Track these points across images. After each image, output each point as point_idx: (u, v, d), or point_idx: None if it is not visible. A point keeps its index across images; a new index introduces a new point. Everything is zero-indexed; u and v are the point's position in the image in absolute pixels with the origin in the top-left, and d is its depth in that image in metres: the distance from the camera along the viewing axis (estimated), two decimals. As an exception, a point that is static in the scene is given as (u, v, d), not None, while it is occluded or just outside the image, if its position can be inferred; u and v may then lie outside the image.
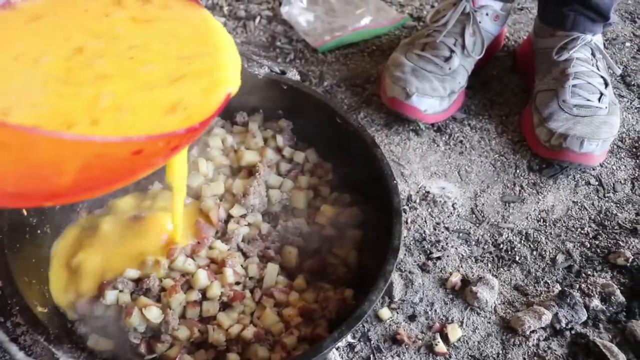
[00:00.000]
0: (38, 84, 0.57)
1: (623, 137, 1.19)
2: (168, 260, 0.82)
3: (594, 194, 1.09)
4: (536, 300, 0.93)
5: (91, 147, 0.46)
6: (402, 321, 0.90)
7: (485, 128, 1.19)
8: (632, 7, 1.49)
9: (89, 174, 0.50)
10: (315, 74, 1.27)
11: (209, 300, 0.80)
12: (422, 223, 1.02)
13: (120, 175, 0.56)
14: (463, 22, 1.16)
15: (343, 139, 0.91)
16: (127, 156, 0.50)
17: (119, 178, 0.57)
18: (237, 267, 0.83)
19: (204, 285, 0.80)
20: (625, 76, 1.31)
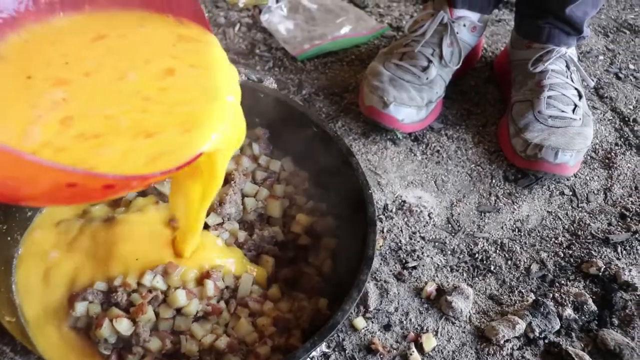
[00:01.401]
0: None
1: (596, 149, 1.20)
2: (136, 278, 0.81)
3: (568, 204, 1.10)
4: (510, 310, 0.94)
5: (71, 177, 0.47)
6: (377, 330, 0.90)
7: (462, 138, 1.20)
8: (605, 22, 1.52)
9: (58, 193, 0.50)
10: (294, 82, 1.27)
11: (183, 316, 0.79)
12: (398, 232, 1.02)
13: (85, 199, 0.57)
14: (441, 33, 1.17)
15: (319, 148, 0.91)
16: (99, 188, 0.50)
17: (84, 200, 0.58)
18: (219, 282, 0.82)
19: (182, 305, 0.78)
20: (598, 89, 1.33)
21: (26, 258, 0.85)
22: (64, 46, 0.67)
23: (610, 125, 1.25)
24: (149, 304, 0.77)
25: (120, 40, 0.69)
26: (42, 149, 0.55)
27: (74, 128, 0.58)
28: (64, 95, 0.61)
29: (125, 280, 0.79)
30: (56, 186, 0.48)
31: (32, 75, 0.63)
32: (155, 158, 0.57)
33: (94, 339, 0.77)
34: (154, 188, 0.92)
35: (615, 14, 1.53)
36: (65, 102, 0.61)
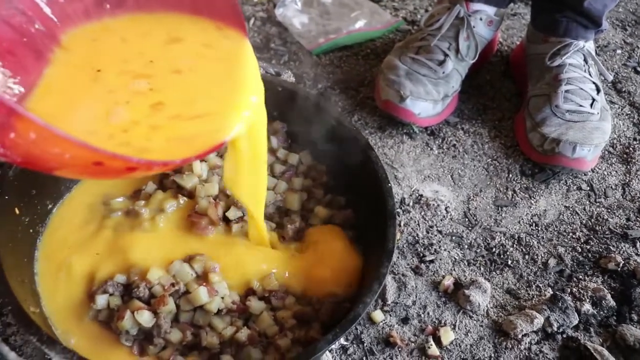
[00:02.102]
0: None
1: (614, 143, 1.20)
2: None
3: (586, 199, 1.10)
4: (528, 304, 0.94)
5: (96, 156, 0.50)
6: (395, 324, 0.90)
7: (478, 132, 1.19)
8: (623, 15, 1.51)
9: (86, 169, 0.54)
10: (310, 76, 1.27)
11: (204, 311, 0.80)
12: (415, 226, 1.02)
13: (111, 175, 0.59)
14: (457, 27, 1.17)
15: (338, 141, 0.91)
16: (123, 168, 0.54)
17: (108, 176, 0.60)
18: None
19: (204, 302, 0.78)
20: (616, 83, 1.32)
21: (47, 250, 0.86)
22: (137, 45, 0.71)
23: (629, 120, 1.24)
24: (170, 296, 0.78)
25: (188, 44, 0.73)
26: (134, 126, 0.61)
27: (166, 111, 0.63)
28: (150, 86, 0.66)
29: (147, 277, 0.80)
30: (84, 163, 0.51)
31: (103, 69, 0.67)
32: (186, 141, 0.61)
33: (116, 331, 0.78)
34: (172, 182, 0.92)
35: (634, 7, 1.52)
36: (152, 91, 0.65)
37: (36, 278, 0.82)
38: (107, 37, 0.72)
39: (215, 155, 0.96)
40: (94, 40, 0.70)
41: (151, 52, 0.71)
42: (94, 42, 0.70)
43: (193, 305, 0.79)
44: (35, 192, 0.85)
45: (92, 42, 0.70)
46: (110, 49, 0.71)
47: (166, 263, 0.85)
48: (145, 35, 0.73)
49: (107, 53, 0.70)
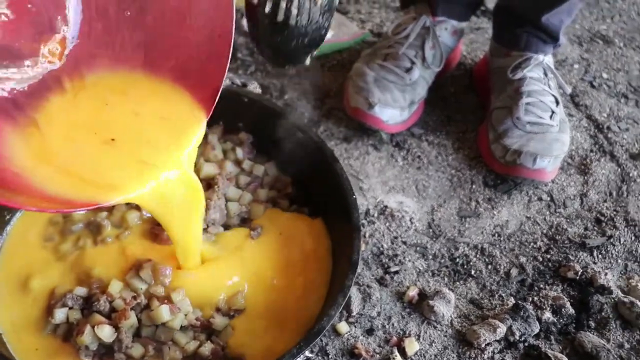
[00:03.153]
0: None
1: (572, 155, 1.23)
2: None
3: (546, 209, 1.12)
4: (491, 314, 0.95)
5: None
6: (359, 335, 0.90)
7: (442, 144, 1.21)
8: (579, 31, 1.55)
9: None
10: (276, 87, 1.27)
11: (166, 327, 0.78)
12: (380, 237, 1.03)
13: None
14: (423, 36, 1.20)
15: (303, 152, 0.91)
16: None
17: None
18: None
19: (165, 320, 0.77)
20: (574, 96, 1.36)
21: (5, 263, 0.83)
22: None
23: (586, 132, 1.28)
24: (131, 310, 0.77)
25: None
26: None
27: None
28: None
29: (108, 291, 0.78)
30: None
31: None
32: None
33: (75, 346, 0.76)
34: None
35: (589, 25, 1.56)
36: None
37: (-11, 293, 0.80)
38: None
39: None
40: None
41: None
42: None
43: (155, 322, 0.78)
44: (-9, 204, 0.83)
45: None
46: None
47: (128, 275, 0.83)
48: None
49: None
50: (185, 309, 0.79)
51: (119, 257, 0.85)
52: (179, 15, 0.70)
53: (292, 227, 0.90)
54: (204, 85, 0.70)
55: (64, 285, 0.81)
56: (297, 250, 0.88)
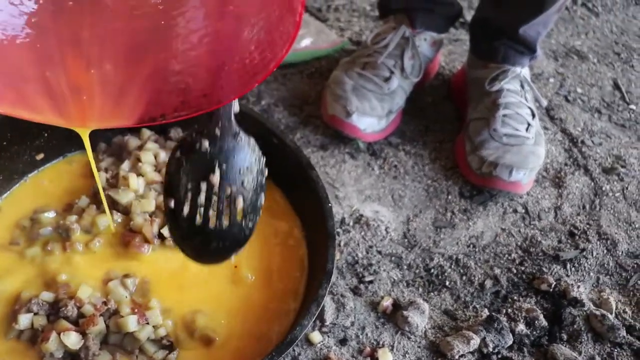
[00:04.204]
0: None
1: (547, 168, 1.24)
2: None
3: (521, 221, 1.13)
4: (465, 325, 0.95)
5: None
6: (333, 345, 0.89)
7: (419, 154, 1.21)
8: (555, 46, 1.57)
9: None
10: (253, 92, 1.26)
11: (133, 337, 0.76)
12: (355, 246, 1.02)
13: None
14: (402, 46, 1.20)
15: (279, 159, 0.90)
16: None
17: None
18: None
19: (132, 330, 0.75)
20: (549, 110, 1.37)
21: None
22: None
23: (560, 146, 1.29)
24: (100, 316, 0.74)
25: None
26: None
27: None
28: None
29: (77, 296, 0.76)
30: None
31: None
32: None
33: (39, 353, 0.73)
34: (107, 196, 0.88)
35: (564, 40, 1.59)
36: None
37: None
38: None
39: (153, 170, 0.93)
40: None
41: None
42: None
43: (121, 331, 0.76)
44: (-45, 205, 0.80)
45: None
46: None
47: (98, 282, 0.81)
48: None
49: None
50: (155, 320, 0.77)
51: (91, 263, 0.83)
52: None
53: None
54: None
55: (29, 289, 0.78)
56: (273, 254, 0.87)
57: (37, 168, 0.93)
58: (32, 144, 0.92)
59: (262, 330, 0.80)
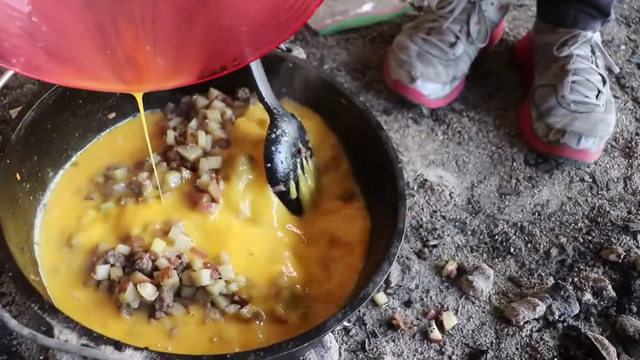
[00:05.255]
0: None
1: (617, 137, 1.20)
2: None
3: (588, 190, 1.10)
4: (530, 292, 0.94)
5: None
6: (397, 307, 0.89)
7: (483, 120, 1.19)
8: (627, 11, 1.51)
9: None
10: (316, 56, 1.25)
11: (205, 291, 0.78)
12: (419, 210, 1.02)
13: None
14: (469, 10, 1.17)
15: (348, 120, 0.90)
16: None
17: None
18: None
19: (204, 284, 0.77)
20: (620, 78, 1.32)
21: (48, 219, 0.84)
22: None
23: (631, 115, 1.24)
24: (174, 269, 0.76)
25: None
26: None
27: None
28: None
29: (151, 249, 0.78)
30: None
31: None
32: None
33: (117, 303, 0.76)
34: (176, 153, 0.90)
35: (639, 4, 1.52)
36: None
37: (35, 247, 0.80)
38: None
39: (219, 128, 0.94)
40: None
41: None
42: None
43: (194, 284, 0.77)
44: (37, 159, 0.83)
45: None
46: None
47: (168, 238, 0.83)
48: None
49: None
50: (227, 275, 0.78)
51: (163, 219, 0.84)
52: None
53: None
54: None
55: (105, 242, 0.81)
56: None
57: (109, 127, 0.95)
58: (105, 103, 0.94)
59: (331, 290, 0.80)
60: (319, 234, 0.86)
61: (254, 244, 0.84)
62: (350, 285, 0.80)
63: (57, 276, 0.79)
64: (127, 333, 0.74)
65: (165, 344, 0.74)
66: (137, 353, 0.62)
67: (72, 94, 0.86)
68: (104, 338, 0.62)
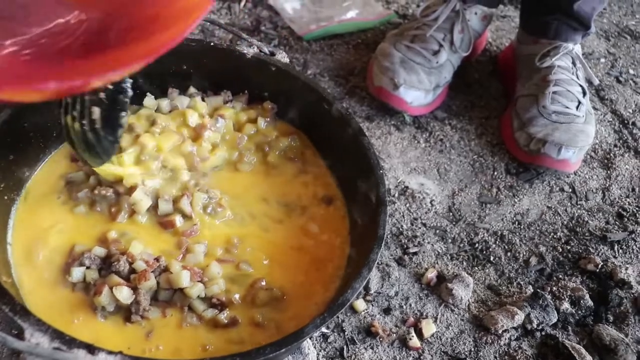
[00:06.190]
0: None
1: (596, 149, 1.21)
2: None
3: (567, 200, 1.11)
4: (509, 301, 0.94)
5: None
6: (376, 314, 0.89)
7: (465, 129, 1.19)
8: (607, 25, 1.53)
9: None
10: (300, 61, 1.25)
11: (183, 294, 0.77)
12: (400, 217, 1.02)
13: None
14: (452, 19, 1.18)
15: (329, 125, 0.89)
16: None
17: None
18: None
19: (184, 286, 0.75)
20: (599, 90, 1.34)
21: (22, 219, 0.82)
22: None
23: (610, 127, 1.26)
24: (152, 272, 0.75)
25: None
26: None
27: None
28: None
29: (129, 251, 0.77)
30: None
31: None
32: None
33: (92, 306, 0.75)
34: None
35: (617, 19, 1.54)
36: None
37: (8, 247, 0.79)
38: None
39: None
40: None
41: None
42: None
43: (173, 286, 0.76)
44: (12, 158, 0.81)
45: None
46: None
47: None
48: None
49: None
50: (209, 275, 0.77)
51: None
52: None
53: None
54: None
55: (82, 244, 0.80)
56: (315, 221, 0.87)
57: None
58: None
59: (309, 296, 0.80)
60: (298, 237, 0.86)
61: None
62: (328, 291, 0.79)
63: (30, 278, 0.77)
64: (102, 336, 0.72)
65: (142, 347, 0.72)
66: (110, 357, 0.60)
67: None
68: (77, 342, 0.61)
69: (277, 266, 0.82)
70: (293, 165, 0.92)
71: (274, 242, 0.84)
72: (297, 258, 0.83)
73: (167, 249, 0.81)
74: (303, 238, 0.85)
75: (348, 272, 0.79)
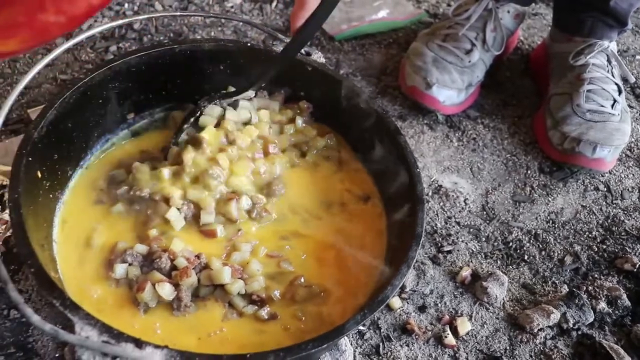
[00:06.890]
0: None
1: (631, 147, 1.20)
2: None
3: (602, 199, 1.10)
4: (543, 300, 0.94)
5: None
6: (412, 311, 0.89)
7: (497, 127, 1.19)
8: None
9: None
10: (332, 61, 1.26)
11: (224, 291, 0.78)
12: (434, 216, 1.02)
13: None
14: (485, 18, 1.18)
15: (365, 124, 0.90)
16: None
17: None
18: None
19: (225, 282, 0.77)
20: (635, 88, 1.32)
21: (66, 217, 0.84)
22: None
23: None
24: (192, 269, 0.77)
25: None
26: None
27: None
28: None
29: (170, 249, 0.79)
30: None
31: None
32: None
33: (134, 302, 0.76)
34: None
35: (653, 15, 1.52)
36: None
37: (54, 244, 0.81)
38: None
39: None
40: None
41: None
42: None
43: (213, 282, 0.78)
44: (57, 157, 0.83)
45: None
46: None
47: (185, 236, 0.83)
48: None
49: None
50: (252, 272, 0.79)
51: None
52: None
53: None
54: None
55: (124, 241, 0.81)
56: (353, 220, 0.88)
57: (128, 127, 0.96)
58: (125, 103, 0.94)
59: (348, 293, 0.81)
60: (336, 235, 0.86)
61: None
62: (367, 288, 0.80)
63: (75, 274, 0.79)
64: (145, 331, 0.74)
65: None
66: (157, 351, 0.62)
67: (92, 94, 0.87)
68: (125, 335, 0.62)
69: (315, 263, 0.83)
70: (330, 163, 0.93)
71: (313, 239, 0.85)
72: (336, 255, 0.84)
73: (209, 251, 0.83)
74: (341, 235, 0.86)
75: (385, 270, 0.80)
